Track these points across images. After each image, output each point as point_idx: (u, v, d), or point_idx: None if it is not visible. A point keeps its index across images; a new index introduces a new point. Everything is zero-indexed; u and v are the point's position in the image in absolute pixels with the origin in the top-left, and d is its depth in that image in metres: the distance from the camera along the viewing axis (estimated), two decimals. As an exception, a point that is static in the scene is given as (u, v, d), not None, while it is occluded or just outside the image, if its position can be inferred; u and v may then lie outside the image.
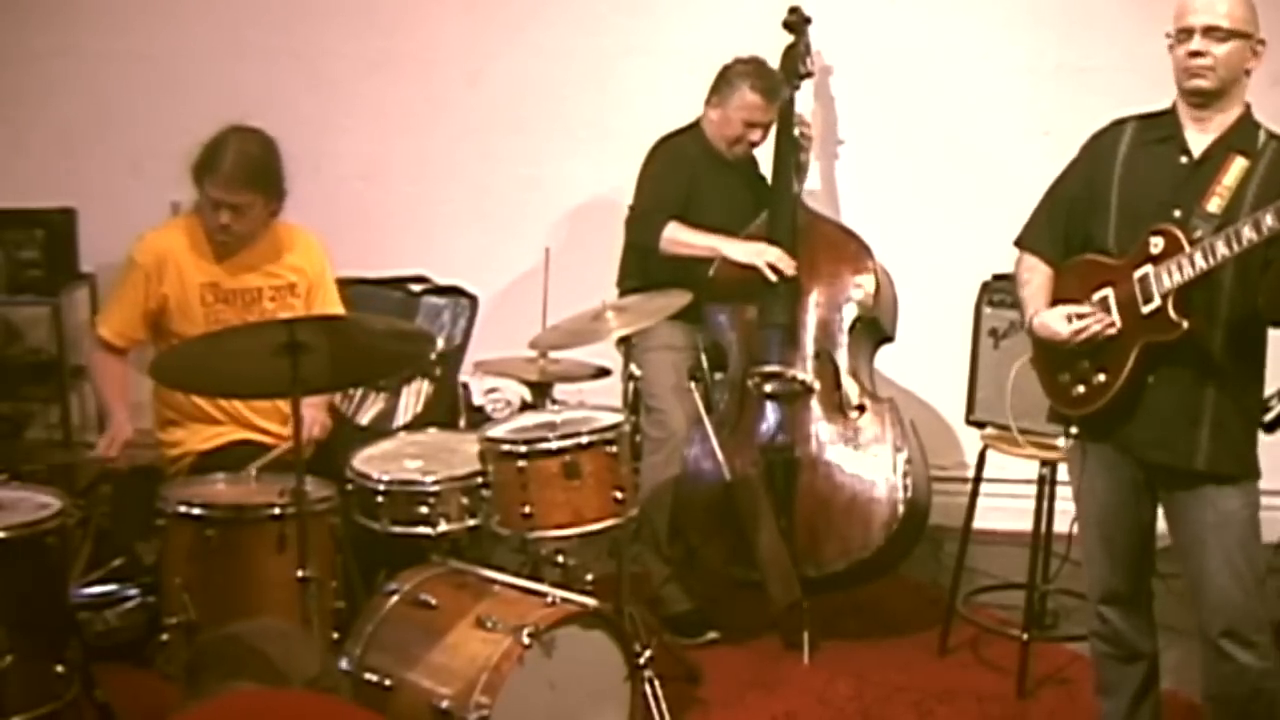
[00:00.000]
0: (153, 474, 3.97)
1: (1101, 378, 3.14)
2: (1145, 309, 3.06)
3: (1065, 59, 5.07)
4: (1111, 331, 3.11)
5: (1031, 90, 5.12)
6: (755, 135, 4.52)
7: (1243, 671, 3.13)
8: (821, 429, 4.34)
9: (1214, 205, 3.04)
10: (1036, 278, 3.29)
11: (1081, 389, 3.18)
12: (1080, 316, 3.13)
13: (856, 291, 4.42)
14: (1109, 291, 3.13)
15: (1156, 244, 3.06)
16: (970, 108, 5.17)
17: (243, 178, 3.80)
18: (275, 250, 3.96)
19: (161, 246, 3.87)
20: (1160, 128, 3.18)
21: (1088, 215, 3.22)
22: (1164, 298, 3.03)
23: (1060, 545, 4.33)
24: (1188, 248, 3.00)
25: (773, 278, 4.33)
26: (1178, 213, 3.07)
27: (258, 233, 3.91)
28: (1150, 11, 4.96)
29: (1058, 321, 3.16)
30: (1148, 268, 3.06)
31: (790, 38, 4.71)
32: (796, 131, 4.60)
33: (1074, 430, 3.25)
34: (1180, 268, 3.00)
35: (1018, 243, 3.37)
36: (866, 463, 4.29)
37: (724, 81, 4.52)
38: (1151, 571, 3.36)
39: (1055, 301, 3.23)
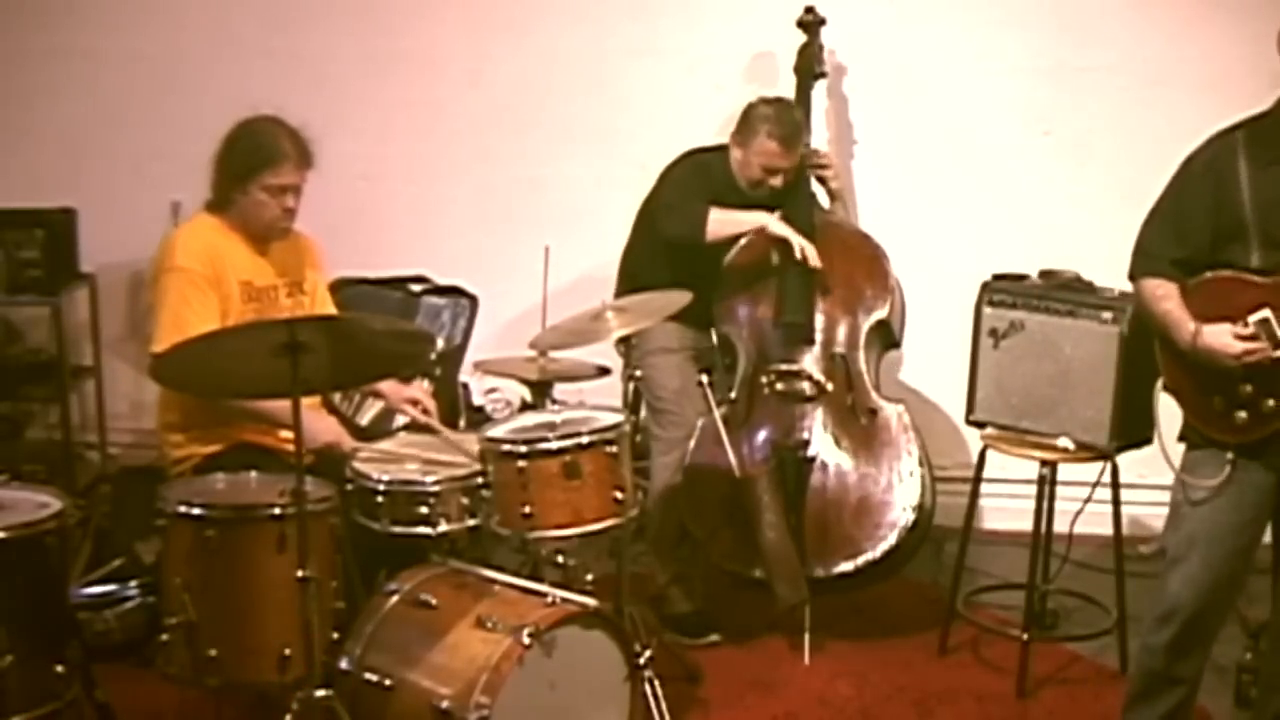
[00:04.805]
0: (153, 474, 3.97)
1: (1271, 403, 3.08)
2: None
3: (1065, 59, 5.07)
4: (1278, 355, 3.05)
5: (1031, 90, 5.12)
6: (775, 180, 4.42)
7: None
8: (833, 430, 4.34)
9: None
10: (1173, 295, 3.19)
11: (1244, 415, 3.11)
12: (1243, 337, 3.07)
13: (873, 297, 4.41)
14: (1267, 313, 3.06)
15: None
16: (970, 108, 5.17)
17: (308, 157, 3.81)
18: (286, 246, 3.95)
19: (202, 248, 3.78)
20: (1277, 142, 3.11)
21: (1220, 241, 3.15)
22: None
23: (1060, 545, 4.34)
24: None
25: (799, 256, 4.29)
26: None
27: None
28: (1150, 11, 5.03)
29: (1226, 339, 3.08)
30: None
31: (804, 37, 4.72)
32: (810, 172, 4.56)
33: (1230, 456, 3.15)
34: None
35: (1135, 275, 3.29)
36: (876, 466, 4.29)
37: (745, 122, 4.43)
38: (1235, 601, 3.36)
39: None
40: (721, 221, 4.32)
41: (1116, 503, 4.17)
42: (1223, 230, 3.14)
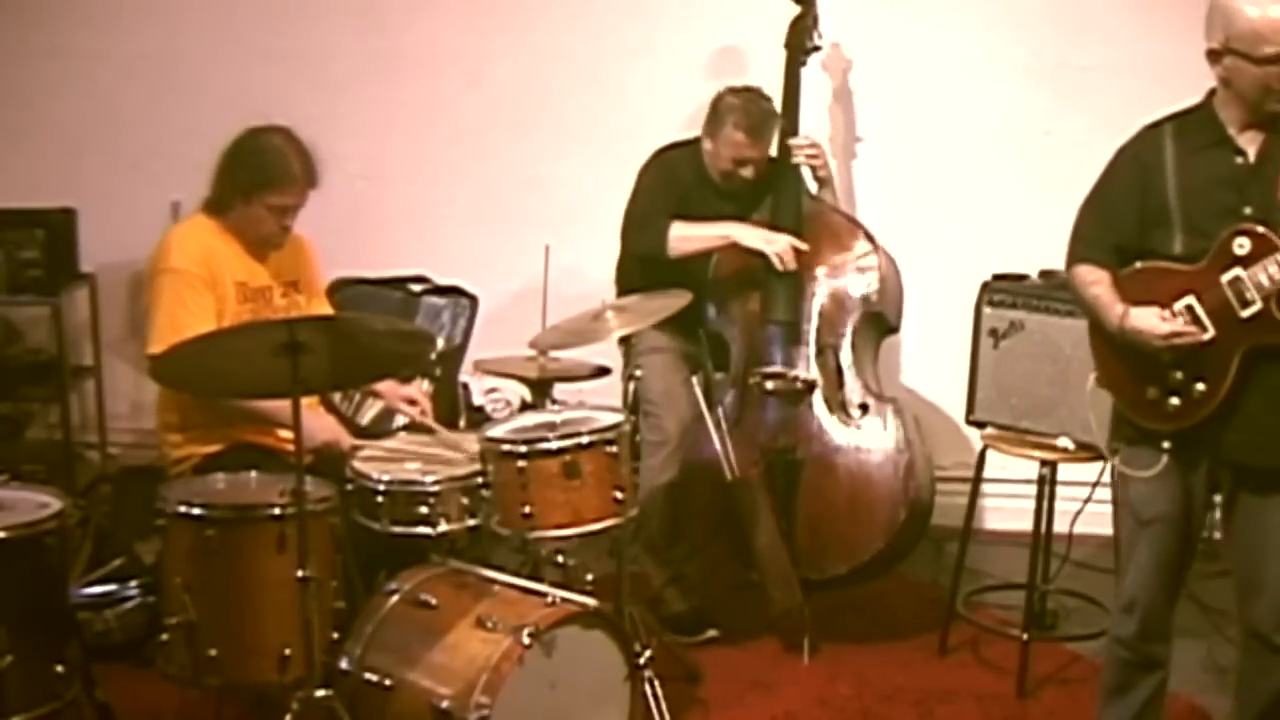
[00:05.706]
0: (153, 474, 3.97)
1: (1201, 387, 3.08)
2: (1245, 313, 3.02)
3: (1065, 59, 5.07)
4: (1205, 339, 3.06)
5: (1031, 90, 5.13)
6: (746, 171, 4.40)
7: None
8: (824, 428, 4.33)
9: None
10: (1103, 280, 3.21)
11: (1177, 401, 3.12)
12: (1169, 322, 3.08)
13: (861, 286, 4.38)
14: (1191, 299, 3.07)
15: (1242, 245, 3.02)
16: (970, 108, 5.17)
17: (314, 178, 3.81)
18: (282, 248, 3.95)
19: (197, 248, 3.78)
20: (1203, 131, 3.15)
21: (1146, 227, 3.17)
22: (1265, 299, 3.00)
23: (1060, 545, 4.34)
24: None
25: (780, 266, 4.30)
26: (1249, 210, 3.05)
27: None
28: (1150, 11, 5.03)
29: (1153, 320, 3.09)
30: (1237, 270, 3.02)
31: (798, 9, 4.64)
32: (797, 159, 4.48)
33: (1166, 445, 3.15)
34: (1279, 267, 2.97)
35: (1070, 262, 3.31)
36: (869, 463, 4.27)
37: (713, 113, 4.41)
38: (1184, 582, 3.35)
39: None
40: (685, 239, 4.30)
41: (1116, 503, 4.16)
42: (1149, 216, 3.16)
